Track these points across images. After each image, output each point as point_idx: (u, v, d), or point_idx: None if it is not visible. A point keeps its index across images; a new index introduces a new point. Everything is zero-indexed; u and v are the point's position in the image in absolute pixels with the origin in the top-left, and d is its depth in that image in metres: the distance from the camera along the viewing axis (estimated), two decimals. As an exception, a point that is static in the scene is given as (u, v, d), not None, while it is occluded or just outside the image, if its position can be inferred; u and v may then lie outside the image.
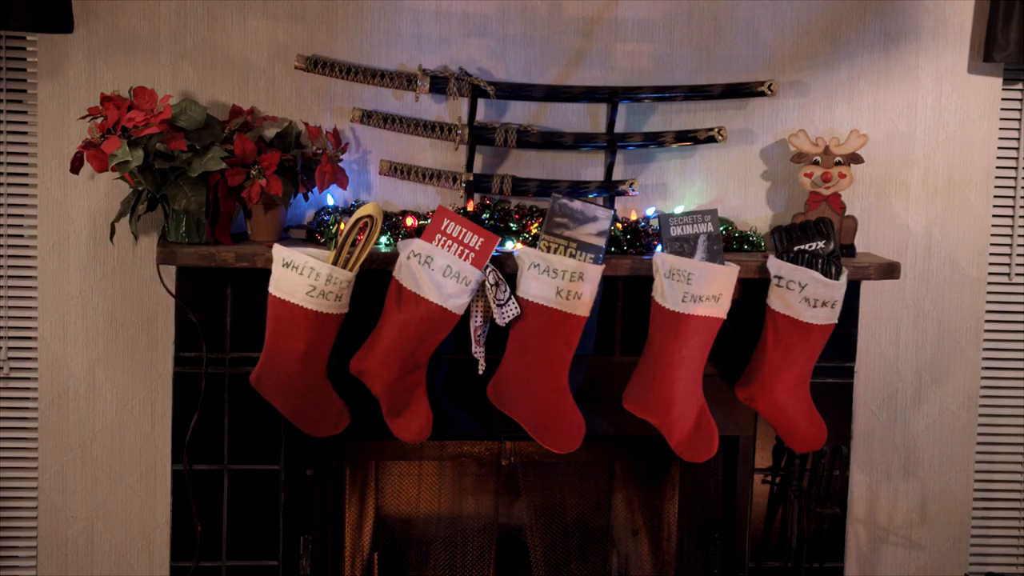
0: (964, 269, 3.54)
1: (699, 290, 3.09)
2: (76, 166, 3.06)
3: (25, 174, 3.28)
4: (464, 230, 3.06)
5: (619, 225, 3.22)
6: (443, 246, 3.05)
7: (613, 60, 3.33)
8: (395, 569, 3.64)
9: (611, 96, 3.29)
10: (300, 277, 2.96)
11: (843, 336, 3.28)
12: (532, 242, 3.16)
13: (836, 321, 3.16)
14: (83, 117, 3.07)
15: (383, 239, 3.13)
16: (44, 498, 3.34)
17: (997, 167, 3.55)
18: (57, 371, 3.30)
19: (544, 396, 3.16)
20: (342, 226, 3.06)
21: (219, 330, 3.13)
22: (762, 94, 3.30)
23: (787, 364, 3.20)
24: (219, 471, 3.17)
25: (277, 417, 3.14)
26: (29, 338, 3.31)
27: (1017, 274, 3.63)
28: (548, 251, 3.09)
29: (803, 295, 3.12)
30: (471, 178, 3.27)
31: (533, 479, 3.66)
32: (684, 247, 3.14)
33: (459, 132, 3.24)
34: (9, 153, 3.27)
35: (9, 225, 3.29)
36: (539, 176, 3.33)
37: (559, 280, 3.06)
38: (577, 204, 3.11)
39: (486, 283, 3.06)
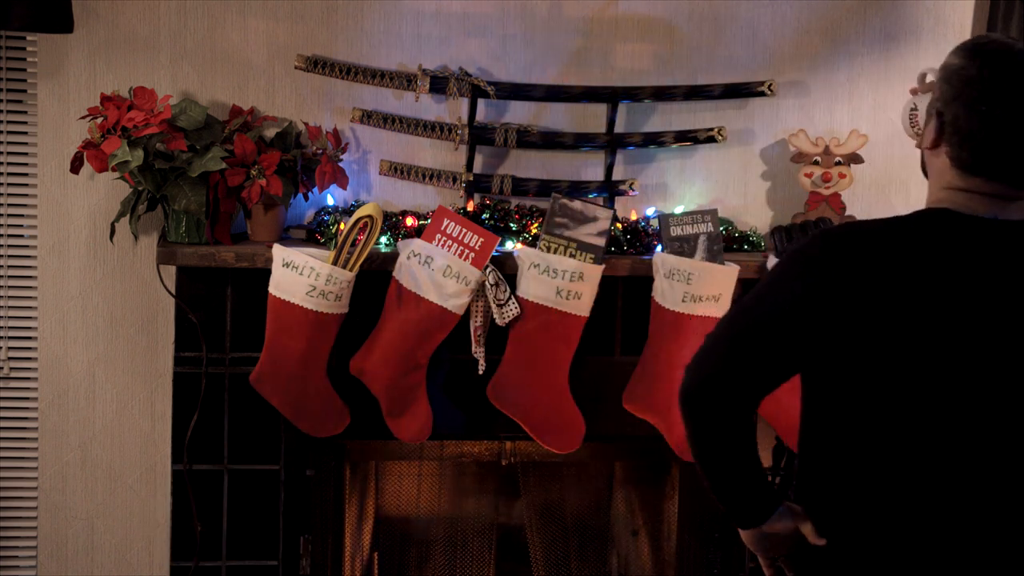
0: (964, 269, 3.54)
1: (699, 290, 3.09)
2: (76, 166, 3.06)
3: (25, 174, 3.27)
4: (464, 230, 3.06)
5: (619, 225, 3.22)
6: (443, 246, 3.05)
7: (613, 60, 3.33)
8: (395, 569, 3.64)
9: (611, 96, 3.29)
10: (300, 277, 2.96)
11: (843, 336, 3.27)
12: (532, 242, 3.16)
13: (836, 321, 3.16)
14: (83, 117, 3.07)
15: (383, 239, 3.13)
16: (44, 498, 3.34)
17: (997, 167, 3.55)
18: (57, 371, 3.30)
19: (544, 396, 3.16)
20: (342, 226, 3.06)
21: (219, 330, 3.13)
22: (762, 94, 3.30)
23: (787, 364, 3.20)
24: (219, 471, 3.17)
25: (277, 417, 3.14)
26: (29, 338, 3.31)
27: (1017, 274, 3.62)
28: (548, 251, 3.09)
29: (803, 295, 3.11)
30: (471, 178, 3.27)
31: (533, 479, 3.66)
32: (684, 247, 3.14)
33: (459, 132, 3.24)
34: (9, 153, 3.27)
35: (9, 225, 3.29)
36: (539, 176, 3.33)
37: (559, 280, 3.07)
38: (577, 204, 3.12)
39: (486, 283, 3.07)
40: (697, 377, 1.99)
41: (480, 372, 3.16)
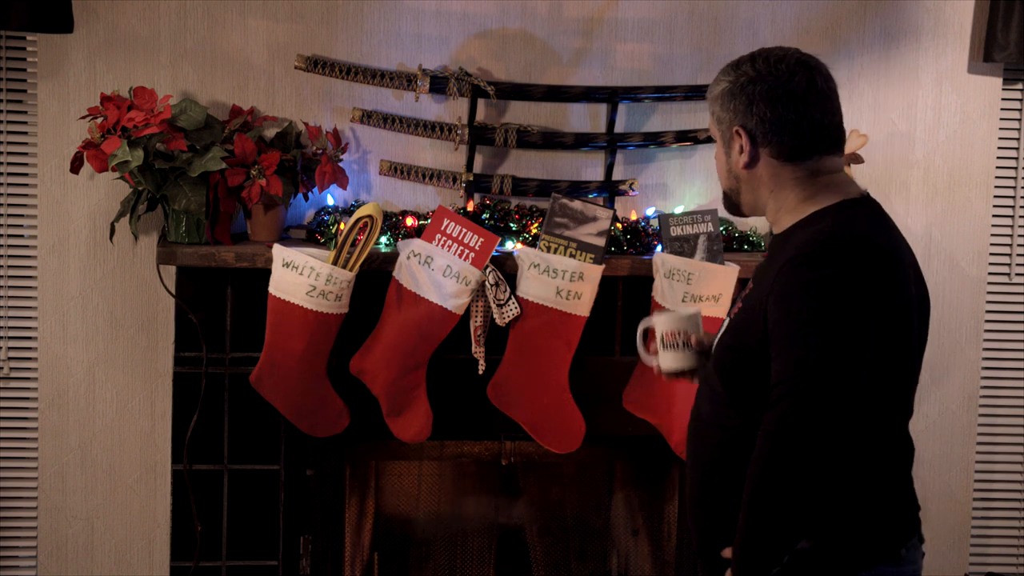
0: (964, 269, 3.54)
1: (699, 290, 3.09)
2: (76, 166, 3.06)
3: (25, 174, 3.28)
4: (464, 230, 3.06)
5: (619, 225, 3.22)
6: (443, 246, 3.05)
7: (613, 60, 3.33)
8: (395, 569, 3.64)
9: (611, 96, 3.29)
10: (300, 277, 2.96)
11: (843, 336, 3.27)
12: (532, 242, 3.16)
13: (836, 321, 3.16)
14: (83, 117, 3.07)
15: (383, 239, 3.13)
16: (44, 498, 3.34)
17: (997, 167, 3.55)
18: (57, 371, 3.30)
19: (544, 396, 3.16)
20: (342, 226, 3.06)
21: (219, 330, 3.13)
22: (762, 94, 3.30)
23: (787, 364, 3.19)
24: (219, 471, 3.17)
25: (277, 417, 3.14)
26: (29, 338, 3.31)
27: (1017, 274, 3.63)
28: (548, 251, 3.09)
29: (803, 295, 3.11)
30: (471, 178, 3.27)
31: (533, 479, 3.66)
32: (684, 247, 3.14)
33: (459, 132, 3.24)
34: (9, 153, 3.27)
35: (9, 225, 3.29)
36: (539, 176, 3.33)
37: (559, 280, 3.07)
38: (577, 204, 3.12)
39: (486, 283, 3.07)
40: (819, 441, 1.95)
41: (480, 372, 3.16)
